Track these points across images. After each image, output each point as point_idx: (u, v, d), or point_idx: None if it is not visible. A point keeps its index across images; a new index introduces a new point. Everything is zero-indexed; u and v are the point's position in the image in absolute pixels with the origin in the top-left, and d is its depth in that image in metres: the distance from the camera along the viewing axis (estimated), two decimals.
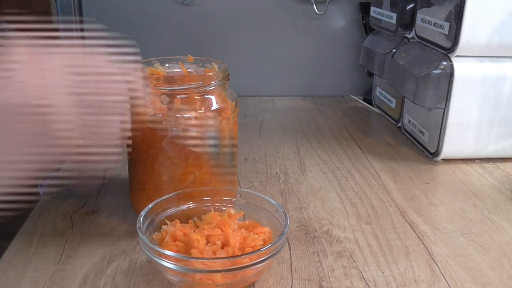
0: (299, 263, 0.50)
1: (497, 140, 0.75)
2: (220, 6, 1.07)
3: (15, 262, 0.49)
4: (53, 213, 0.58)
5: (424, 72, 0.72)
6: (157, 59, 0.56)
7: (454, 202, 0.64)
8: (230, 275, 0.43)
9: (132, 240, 0.53)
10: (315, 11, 1.07)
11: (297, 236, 0.55)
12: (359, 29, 1.11)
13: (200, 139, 0.51)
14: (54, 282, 0.46)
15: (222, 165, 0.55)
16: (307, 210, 0.61)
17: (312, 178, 0.70)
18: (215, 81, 0.52)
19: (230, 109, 0.53)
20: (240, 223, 0.50)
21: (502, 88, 0.72)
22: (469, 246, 0.54)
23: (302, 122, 0.95)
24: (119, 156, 0.42)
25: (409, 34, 0.85)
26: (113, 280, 0.47)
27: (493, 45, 0.70)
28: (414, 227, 0.58)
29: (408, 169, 0.74)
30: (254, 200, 0.52)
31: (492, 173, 0.73)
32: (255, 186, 0.68)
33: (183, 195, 0.52)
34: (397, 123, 0.93)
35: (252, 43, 1.10)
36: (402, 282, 0.48)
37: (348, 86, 1.15)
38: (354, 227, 0.57)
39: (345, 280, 0.47)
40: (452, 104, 0.72)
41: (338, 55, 1.13)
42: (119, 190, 0.64)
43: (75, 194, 0.63)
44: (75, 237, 0.53)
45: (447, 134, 0.74)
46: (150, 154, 0.52)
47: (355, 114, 1.01)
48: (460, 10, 0.67)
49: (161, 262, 0.42)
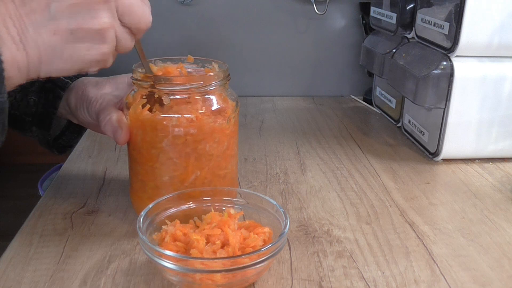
0: (299, 263, 0.50)
1: (497, 140, 0.75)
2: (220, 6, 1.07)
3: (15, 262, 0.49)
4: (53, 213, 0.58)
5: (424, 72, 0.72)
6: (157, 59, 0.56)
7: (454, 202, 0.64)
8: (230, 275, 0.43)
9: (132, 240, 0.53)
10: (315, 11, 1.07)
11: (297, 236, 0.55)
12: (359, 29, 1.11)
13: (201, 138, 0.51)
14: (54, 282, 0.46)
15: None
16: (307, 210, 0.61)
17: (312, 178, 0.70)
18: (215, 81, 0.52)
19: (230, 109, 0.53)
20: (240, 223, 0.50)
21: (502, 88, 0.72)
22: (469, 246, 0.54)
23: (302, 122, 0.95)
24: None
25: (409, 34, 0.85)
26: (113, 280, 0.47)
27: (493, 45, 0.70)
28: (414, 227, 0.58)
29: (408, 169, 0.74)
30: (254, 200, 0.52)
31: (492, 173, 0.73)
32: (255, 186, 0.68)
33: (183, 195, 0.52)
34: (397, 123, 0.93)
35: (252, 43, 1.10)
36: (402, 282, 0.48)
37: (348, 86, 1.15)
38: (354, 227, 0.57)
39: (345, 280, 0.47)
40: (452, 104, 0.72)
41: (338, 55, 1.13)
42: (119, 190, 0.64)
43: (75, 194, 0.63)
44: (75, 237, 0.53)
45: (447, 134, 0.74)
46: (151, 154, 0.52)
47: (355, 114, 1.01)
48: (460, 10, 0.68)
49: (161, 262, 0.42)
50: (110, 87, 0.59)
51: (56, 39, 0.41)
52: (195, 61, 0.57)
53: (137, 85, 0.52)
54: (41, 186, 1.15)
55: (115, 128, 0.53)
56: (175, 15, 1.07)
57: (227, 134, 0.53)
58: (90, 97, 0.57)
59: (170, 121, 0.50)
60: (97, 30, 0.42)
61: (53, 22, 0.41)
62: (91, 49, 0.43)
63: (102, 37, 0.43)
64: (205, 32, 1.09)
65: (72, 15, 0.41)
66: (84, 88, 0.58)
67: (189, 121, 0.50)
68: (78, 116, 0.59)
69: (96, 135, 0.80)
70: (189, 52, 0.58)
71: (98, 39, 0.43)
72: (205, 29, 1.08)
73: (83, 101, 0.58)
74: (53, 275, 0.47)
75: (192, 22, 1.08)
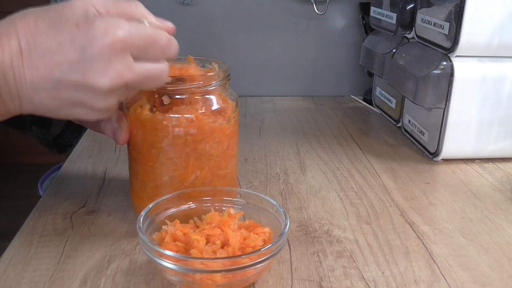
0: (299, 263, 0.50)
1: (497, 140, 0.75)
2: (220, 6, 1.07)
3: (15, 262, 0.49)
4: (53, 213, 0.58)
5: (424, 72, 0.72)
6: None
7: (454, 202, 0.64)
8: (230, 275, 0.43)
9: (132, 240, 0.53)
10: (315, 11, 1.07)
11: (297, 236, 0.55)
12: (359, 29, 1.11)
13: (201, 138, 0.51)
14: (54, 282, 0.46)
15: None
16: (307, 210, 0.61)
17: (312, 178, 0.70)
18: (216, 81, 0.52)
19: (230, 109, 0.53)
20: (240, 223, 0.50)
21: (502, 88, 0.72)
22: (469, 246, 0.54)
23: (302, 122, 0.95)
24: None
25: (409, 34, 0.85)
26: (113, 280, 0.47)
27: (493, 45, 0.70)
28: (414, 227, 0.58)
29: (408, 169, 0.74)
30: (254, 200, 0.52)
31: (492, 173, 0.73)
32: (255, 186, 0.68)
33: (183, 195, 0.52)
34: (397, 123, 0.93)
35: (252, 43, 1.10)
36: (402, 282, 0.48)
37: (348, 86, 1.15)
38: (354, 227, 0.57)
39: (345, 280, 0.47)
40: (452, 104, 0.72)
41: (338, 55, 1.13)
42: (119, 190, 0.64)
43: (75, 194, 0.63)
44: (75, 237, 0.53)
45: (447, 134, 0.74)
46: (151, 154, 0.52)
47: (355, 114, 1.01)
48: (460, 10, 0.68)
49: (161, 262, 0.42)
50: None
51: (55, 103, 0.41)
52: (195, 61, 0.57)
53: None
54: (41, 186, 1.15)
55: (115, 128, 0.53)
56: (175, 15, 1.07)
57: (227, 134, 0.53)
58: None
59: (170, 121, 0.50)
60: (100, 108, 0.42)
61: (55, 90, 0.40)
62: (89, 115, 0.43)
63: (103, 113, 0.43)
64: (205, 32, 1.09)
65: (76, 91, 0.40)
66: None
67: (189, 121, 0.50)
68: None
69: (96, 135, 0.80)
70: (189, 52, 0.58)
71: (98, 113, 0.43)
72: (205, 29, 1.08)
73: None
74: (53, 275, 0.47)
75: (192, 22, 1.08)
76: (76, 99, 0.41)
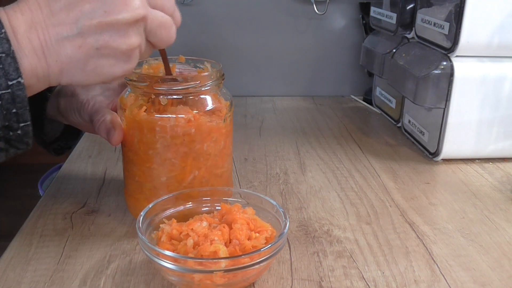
0: (299, 263, 0.50)
1: (497, 140, 0.75)
2: (220, 6, 1.07)
3: (15, 262, 0.49)
4: (53, 213, 0.58)
5: (424, 72, 0.72)
6: (150, 58, 0.56)
7: (454, 202, 0.64)
8: (230, 275, 0.43)
9: (132, 240, 0.53)
10: (315, 11, 1.07)
11: (297, 236, 0.55)
12: (359, 29, 1.11)
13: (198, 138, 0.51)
14: (54, 282, 0.46)
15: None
16: (307, 210, 0.61)
17: (312, 178, 0.70)
18: (210, 81, 0.52)
19: (225, 108, 0.53)
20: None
21: (502, 88, 0.72)
22: (469, 246, 0.54)
23: (302, 122, 0.95)
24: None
25: (409, 34, 0.85)
26: (113, 280, 0.47)
27: (493, 45, 0.70)
28: (414, 227, 0.58)
29: (408, 169, 0.74)
30: (254, 200, 0.52)
31: (492, 173, 0.73)
32: (255, 186, 0.68)
33: (182, 196, 0.52)
34: (397, 123, 0.93)
35: (252, 43, 1.10)
36: (402, 282, 0.48)
37: (348, 86, 1.15)
38: (354, 227, 0.57)
39: (345, 280, 0.47)
40: (452, 104, 0.72)
41: (338, 55, 1.13)
42: (119, 190, 0.64)
43: (75, 194, 0.63)
44: (75, 237, 0.53)
45: (447, 134, 0.74)
46: (148, 155, 0.52)
47: (355, 114, 1.01)
48: (460, 10, 0.68)
49: (160, 262, 0.42)
50: (100, 88, 0.59)
51: (81, 53, 0.41)
52: (187, 61, 0.57)
53: (131, 86, 0.51)
54: (41, 186, 1.15)
55: (109, 129, 0.53)
56: None
57: (224, 133, 0.53)
58: (81, 100, 0.57)
59: (168, 121, 0.50)
60: (123, 50, 0.42)
61: (80, 37, 0.40)
62: (114, 66, 0.43)
63: (128, 56, 0.43)
64: (205, 32, 1.09)
65: (100, 33, 0.41)
66: (73, 91, 0.58)
67: (187, 121, 0.50)
68: (68, 117, 0.59)
69: (96, 135, 0.80)
70: (190, 52, 0.58)
71: (124, 58, 0.43)
72: (205, 29, 1.08)
73: (73, 104, 0.57)
74: (53, 275, 0.47)
75: (192, 22, 1.08)
76: (101, 43, 0.41)
